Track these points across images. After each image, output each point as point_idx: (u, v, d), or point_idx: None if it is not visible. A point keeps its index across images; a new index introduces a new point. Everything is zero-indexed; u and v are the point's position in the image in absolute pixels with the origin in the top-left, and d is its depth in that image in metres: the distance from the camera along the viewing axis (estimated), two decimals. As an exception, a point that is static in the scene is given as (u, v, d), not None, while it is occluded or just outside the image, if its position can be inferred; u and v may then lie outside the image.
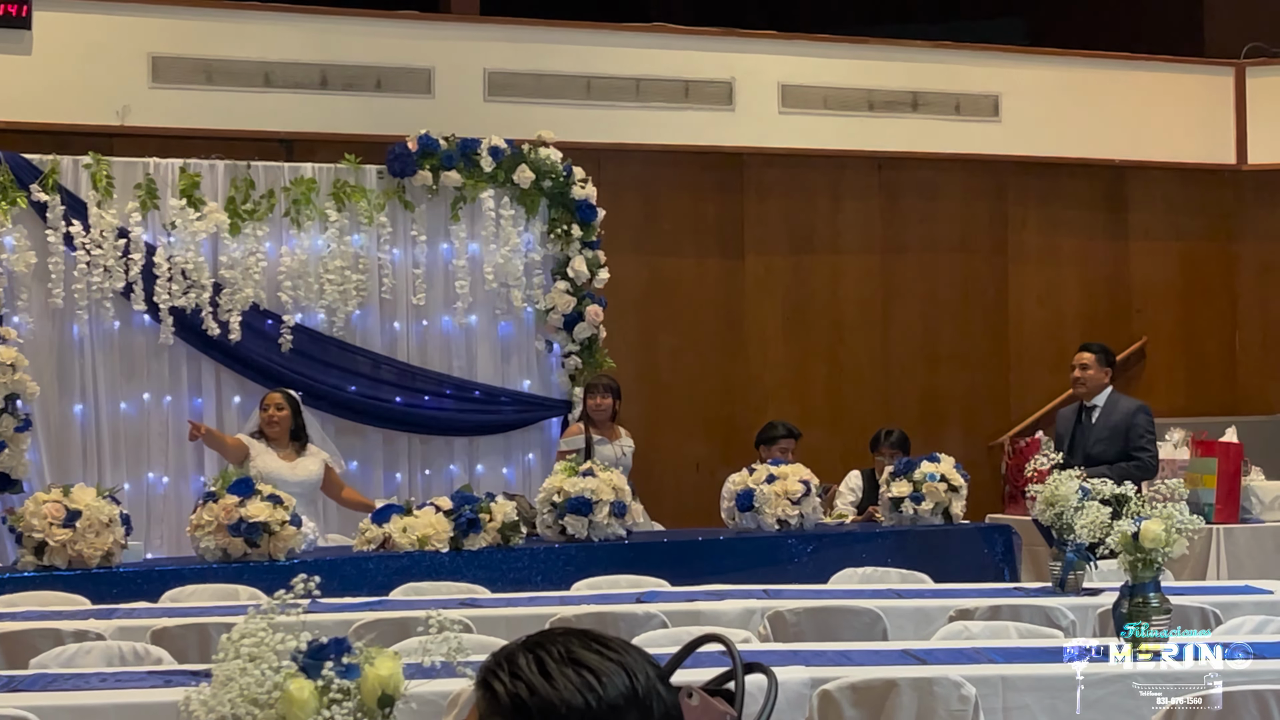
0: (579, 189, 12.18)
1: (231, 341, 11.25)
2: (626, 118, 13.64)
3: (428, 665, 3.77)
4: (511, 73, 13.30)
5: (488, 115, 12.92)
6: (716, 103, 13.87)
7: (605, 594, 8.12)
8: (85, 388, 11.15)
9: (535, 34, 13.53)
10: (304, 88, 12.76)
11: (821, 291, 14.48)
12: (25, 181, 10.90)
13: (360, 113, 12.85)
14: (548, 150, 12.17)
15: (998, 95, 14.67)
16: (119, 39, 12.34)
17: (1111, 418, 10.83)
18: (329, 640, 3.62)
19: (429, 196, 11.90)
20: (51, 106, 12.13)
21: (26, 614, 7.55)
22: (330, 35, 12.91)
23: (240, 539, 9.25)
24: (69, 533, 9.09)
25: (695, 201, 14.15)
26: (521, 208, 12.10)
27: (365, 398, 11.70)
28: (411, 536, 9.70)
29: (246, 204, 11.38)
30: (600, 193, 12.31)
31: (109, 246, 10.99)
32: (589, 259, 12.15)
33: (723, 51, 13.96)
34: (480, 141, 11.97)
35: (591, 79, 13.54)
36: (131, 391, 11.26)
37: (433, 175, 11.81)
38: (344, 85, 12.87)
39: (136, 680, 5.79)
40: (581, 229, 12.16)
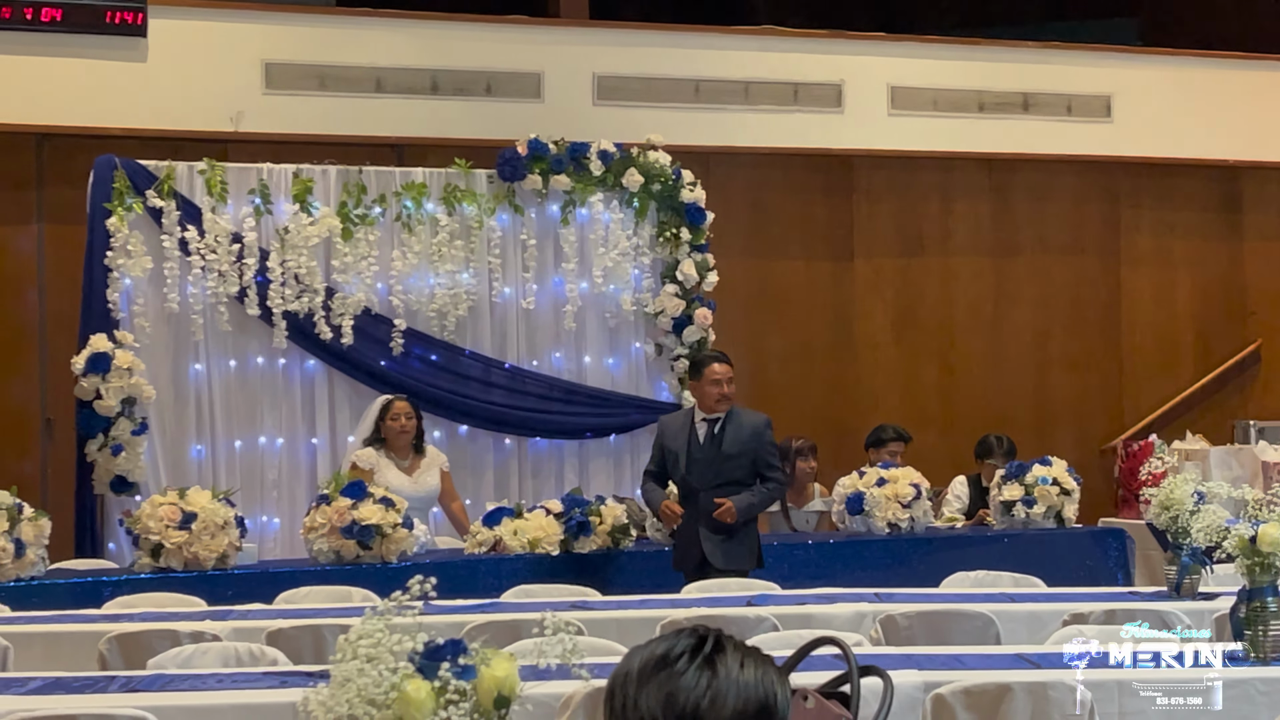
0: (688, 192, 12.17)
1: (343, 345, 11.33)
2: (735, 121, 13.63)
3: (542, 667, 3.78)
4: (620, 76, 13.33)
5: (597, 119, 12.94)
6: (825, 105, 13.84)
7: (716, 597, 8.11)
8: (200, 392, 11.25)
9: (644, 38, 13.54)
10: (415, 93, 12.85)
11: (931, 294, 14.41)
12: (141, 188, 11.02)
13: (470, 117, 12.91)
14: (657, 154, 12.17)
15: (1109, 96, 14.54)
16: (233, 46, 12.47)
17: (739, 433, 9.57)
18: (445, 641, 3.64)
19: (538, 200, 11.92)
20: (167, 113, 12.27)
21: (144, 615, 7.64)
22: (441, 40, 12.98)
23: (353, 541, 9.33)
24: (185, 535, 9.20)
25: (804, 204, 14.13)
26: (630, 211, 12.10)
27: (475, 401, 11.73)
28: (522, 539, 9.75)
29: (358, 208, 11.45)
30: (709, 196, 12.29)
31: (223, 251, 11.09)
32: (698, 262, 12.14)
33: (832, 54, 13.92)
34: (589, 145, 11.99)
35: (700, 82, 13.54)
36: (245, 398, 11.35)
37: (542, 179, 11.84)
38: (454, 90, 12.94)
39: (253, 681, 5.84)
40: (690, 232, 12.15)
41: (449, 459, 10.94)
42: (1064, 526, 10.64)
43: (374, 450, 10.44)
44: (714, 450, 9.48)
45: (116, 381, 10.59)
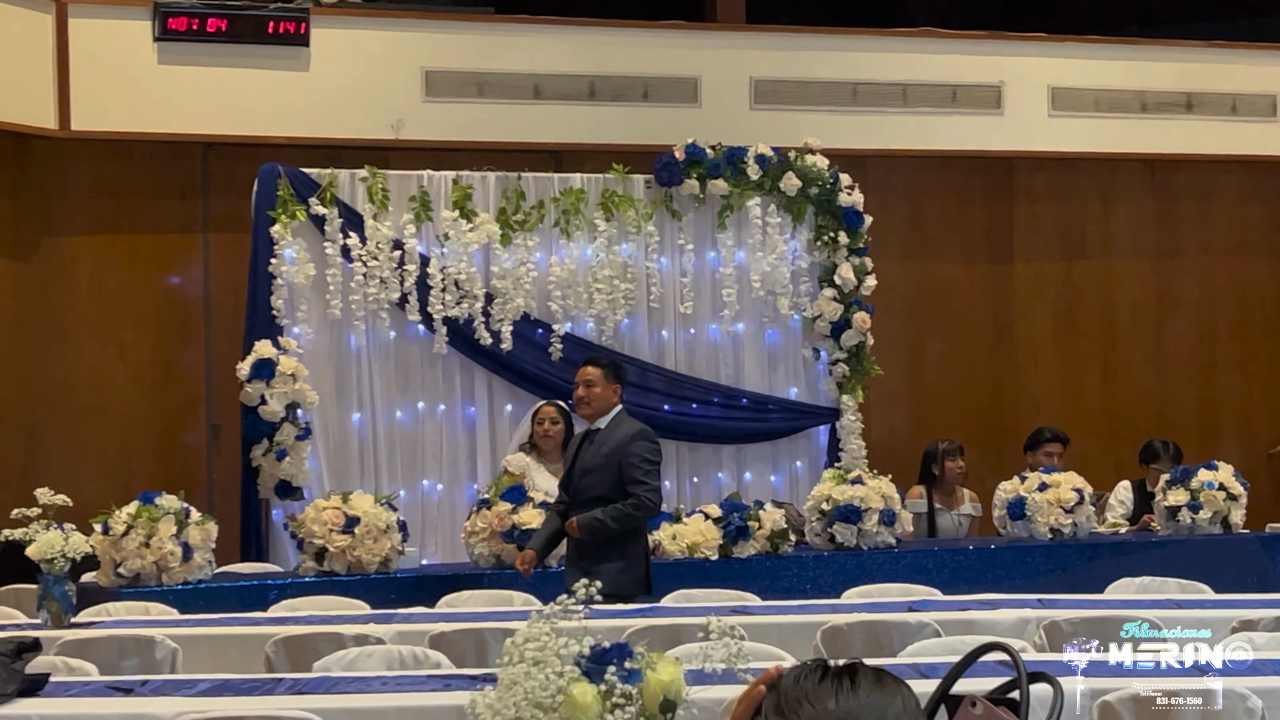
0: (845, 195, 12.12)
1: (503, 351, 11.39)
2: (893, 123, 13.56)
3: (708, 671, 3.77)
4: (777, 80, 13.29)
5: (754, 123, 12.92)
6: (985, 107, 13.72)
7: (876, 602, 8.06)
8: (362, 397, 11.36)
9: (801, 41, 13.50)
10: (573, 99, 12.89)
11: (1093, 297, 14.24)
12: (304, 195, 11.16)
13: (628, 123, 12.93)
14: (814, 157, 12.13)
15: (1276, 95, 14.28)
16: (393, 54, 12.59)
17: (605, 445, 8.87)
18: (611, 645, 3.65)
19: (696, 205, 11.92)
20: (329, 122, 12.41)
21: (309, 618, 7.72)
22: (598, 47, 13.02)
23: (513, 545, 9.38)
24: (348, 539, 9.29)
25: (963, 207, 14.02)
26: (788, 215, 12.07)
27: (633, 405, 11.74)
28: (681, 544, 9.75)
29: (517, 215, 11.52)
30: (867, 199, 12.23)
31: (384, 258, 11.20)
32: (856, 266, 12.08)
33: (991, 55, 13.80)
34: (747, 149, 11.97)
35: (858, 85, 13.47)
36: (407, 400, 11.46)
37: (699, 184, 11.84)
38: (612, 96, 12.97)
39: (417, 684, 5.88)
40: (848, 235, 12.09)
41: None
42: (1230, 532, 10.47)
43: (525, 455, 10.50)
44: (582, 464, 8.95)
45: (281, 387, 10.73)
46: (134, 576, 8.85)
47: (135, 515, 8.89)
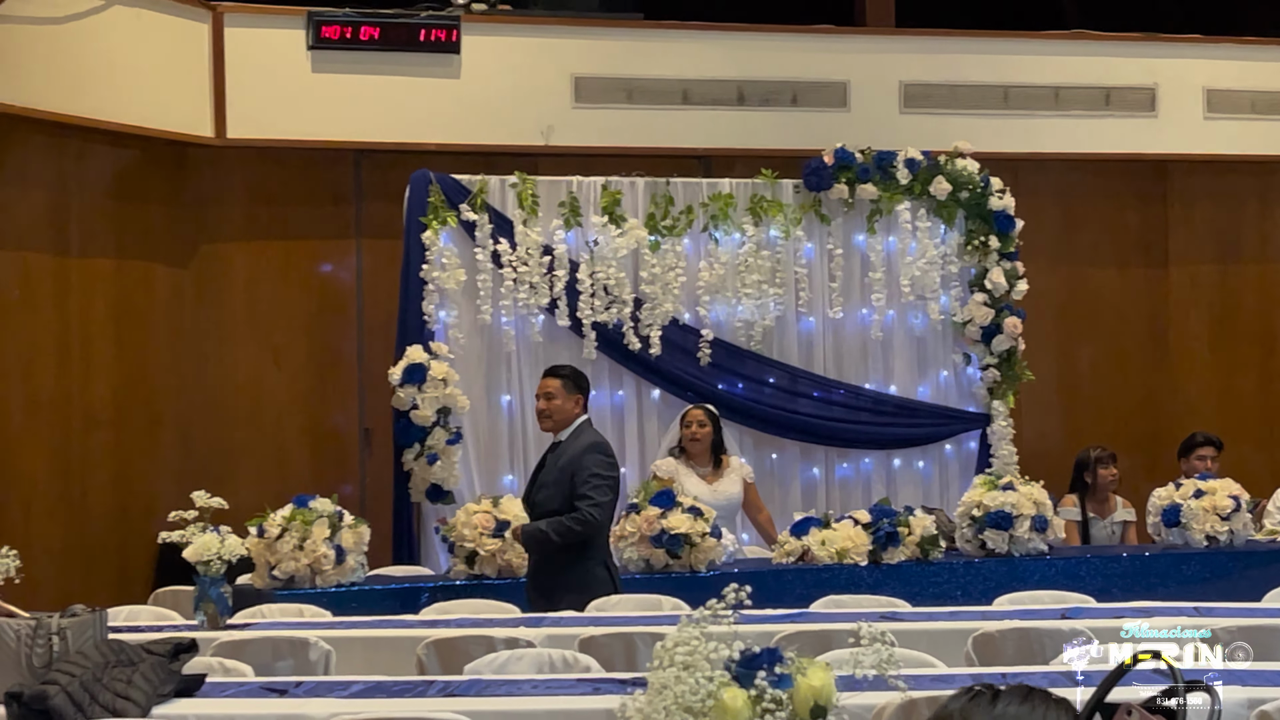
0: (996, 199, 12.02)
1: (652, 355, 11.41)
2: (1044, 126, 13.42)
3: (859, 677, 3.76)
4: (927, 84, 13.22)
5: (903, 127, 12.85)
6: (1138, 109, 13.55)
7: (1028, 609, 7.98)
8: (513, 401, 11.42)
9: (951, 44, 13.41)
10: (721, 104, 12.89)
11: (1250, 301, 14.02)
12: (455, 201, 11.24)
13: (776, 127, 12.91)
14: (964, 161, 12.05)
15: None
16: (543, 61, 12.65)
17: (562, 458, 8.68)
18: (761, 650, 3.64)
19: (845, 209, 11.88)
20: (479, 128, 12.49)
21: (460, 621, 7.77)
22: (747, 52, 13.01)
23: (662, 550, 9.39)
24: (499, 543, 9.35)
25: (1116, 210, 13.86)
26: (938, 219, 11.99)
27: (782, 410, 11.73)
28: (830, 549, 9.71)
29: (666, 220, 11.53)
30: (1018, 203, 12.12)
31: (534, 263, 11.26)
32: (1007, 270, 11.98)
33: (1145, 56, 13.62)
34: (896, 154, 11.91)
35: (1009, 88, 13.36)
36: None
37: (849, 188, 11.79)
38: (760, 101, 12.96)
39: (567, 687, 5.90)
40: (999, 240, 11.99)
41: (755, 469, 10.95)
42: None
43: (674, 459, 10.51)
44: (540, 478, 8.86)
45: (432, 392, 10.81)
46: (288, 579, 8.95)
47: (290, 518, 9.00)
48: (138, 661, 5.66)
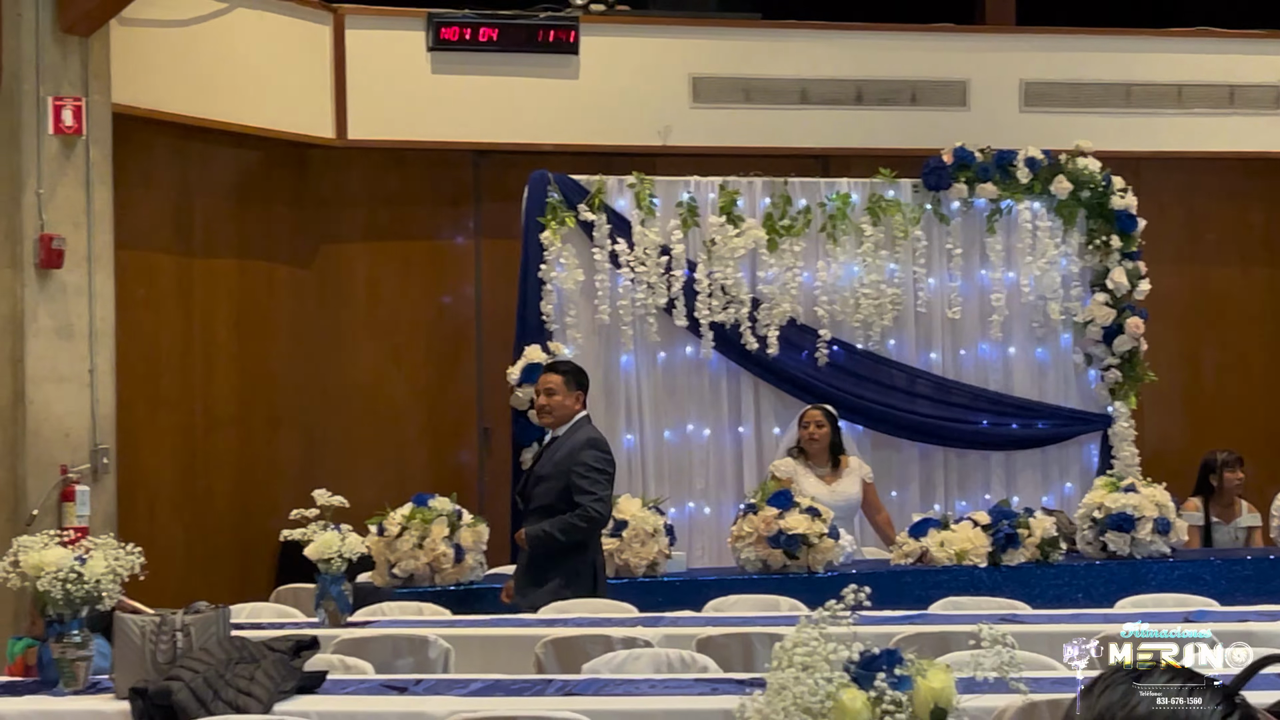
0: (1118, 199, 11.91)
1: (769, 356, 11.39)
2: (1167, 125, 13.29)
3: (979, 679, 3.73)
4: (1048, 82, 13.12)
5: (1023, 126, 12.76)
6: (1264, 107, 13.38)
7: (1151, 612, 7.89)
8: (629, 401, 11.43)
9: (1072, 42, 13.29)
10: (840, 103, 12.86)
11: (1383, 300, 13.83)
12: (573, 201, 11.27)
13: (895, 127, 12.86)
14: (1086, 160, 11.93)
15: None
16: (661, 61, 12.67)
17: (558, 453, 8.68)
18: (881, 651, 3.63)
19: (964, 209, 11.81)
20: (597, 129, 12.53)
21: (577, 620, 7.78)
22: (865, 51, 12.97)
23: (779, 551, 9.37)
24: (616, 542, 9.36)
25: (1241, 210, 13.70)
26: (1059, 219, 11.90)
27: (900, 411, 11.68)
28: (949, 551, 9.66)
29: (784, 220, 11.51)
30: (1140, 202, 11.99)
31: (652, 264, 11.27)
32: (1129, 270, 11.86)
33: (1270, 54, 13.44)
34: (1016, 153, 11.82)
35: (1131, 86, 13.23)
36: (673, 406, 11.51)
37: (968, 188, 11.72)
38: (879, 100, 12.91)
39: (685, 687, 5.90)
40: (1121, 239, 11.88)
41: (874, 469, 10.90)
42: None
43: (792, 459, 10.48)
44: (535, 472, 8.82)
45: (551, 392, 10.84)
46: (408, 577, 9.01)
47: (409, 517, 9.06)
48: (260, 658, 5.71)
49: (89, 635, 5.96)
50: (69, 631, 5.91)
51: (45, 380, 9.60)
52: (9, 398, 9.56)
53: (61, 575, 5.84)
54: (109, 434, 9.96)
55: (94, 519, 9.60)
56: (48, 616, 5.97)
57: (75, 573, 5.86)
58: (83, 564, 5.90)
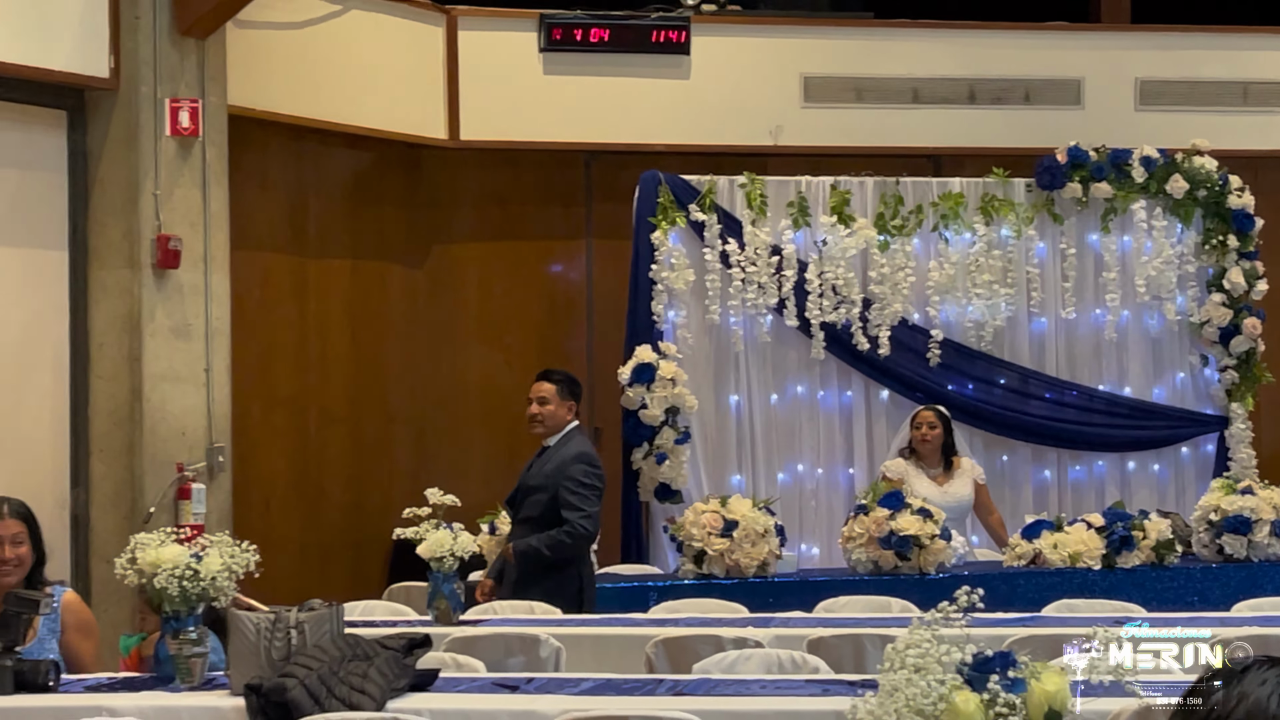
0: (1235, 198, 11.77)
1: (880, 356, 11.35)
2: (1286, 124, 13.13)
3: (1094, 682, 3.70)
4: (1164, 80, 12.99)
5: (1139, 124, 12.64)
6: (1385, 104, 13.19)
7: (1269, 616, 7.80)
8: (741, 401, 11.43)
9: (1189, 40, 13.15)
10: (951, 103, 12.79)
11: None
12: (684, 202, 11.27)
13: (1008, 126, 12.78)
14: (1202, 159, 11.80)
15: None
16: (772, 61, 12.65)
17: (548, 465, 8.69)
18: (994, 653, 3.60)
19: (1078, 209, 11.71)
20: (708, 129, 12.53)
21: (688, 620, 7.79)
22: (978, 50, 12.89)
23: (891, 552, 9.34)
24: (726, 542, 9.37)
25: (1360, 208, 13.50)
26: (1174, 218, 11.77)
27: (1012, 412, 11.60)
28: (1062, 553, 9.59)
29: (895, 219, 11.46)
30: (1258, 201, 11.84)
31: (763, 263, 11.25)
32: (1246, 270, 11.72)
33: (1390, 50, 13.26)
34: (1131, 152, 11.71)
35: (1249, 84, 13.07)
36: (785, 406, 11.49)
37: (1082, 187, 11.62)
38: (992, 99, 12.83)
39: (795, 688, 5.88)
40: (1238, 239, 11.74)
41: (986, 471, 10.84)
42: None
43: (904, 460, 10.45)
44: (525, 482, 8.78)
45: (660, 391, 10.86)
46: (519, 576, 9.04)
47: (520, 516, 9.09)
48: (373, 656, 5.75)
49: (204, 632, 6.03)
50: (185, 628, 5.97)
51: (162, 379, 9.71)
52: (127, 396, 9.69)
53: (178, 572, 5.90)
54: (224, 432, 10.07)
55: (210, 516, 9.71)
56: (164, 613, 6.03)
57: (191, 570, 5.92)
58: (198, 561, 5.96)
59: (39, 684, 5.82)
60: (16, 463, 9.44)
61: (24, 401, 9.65)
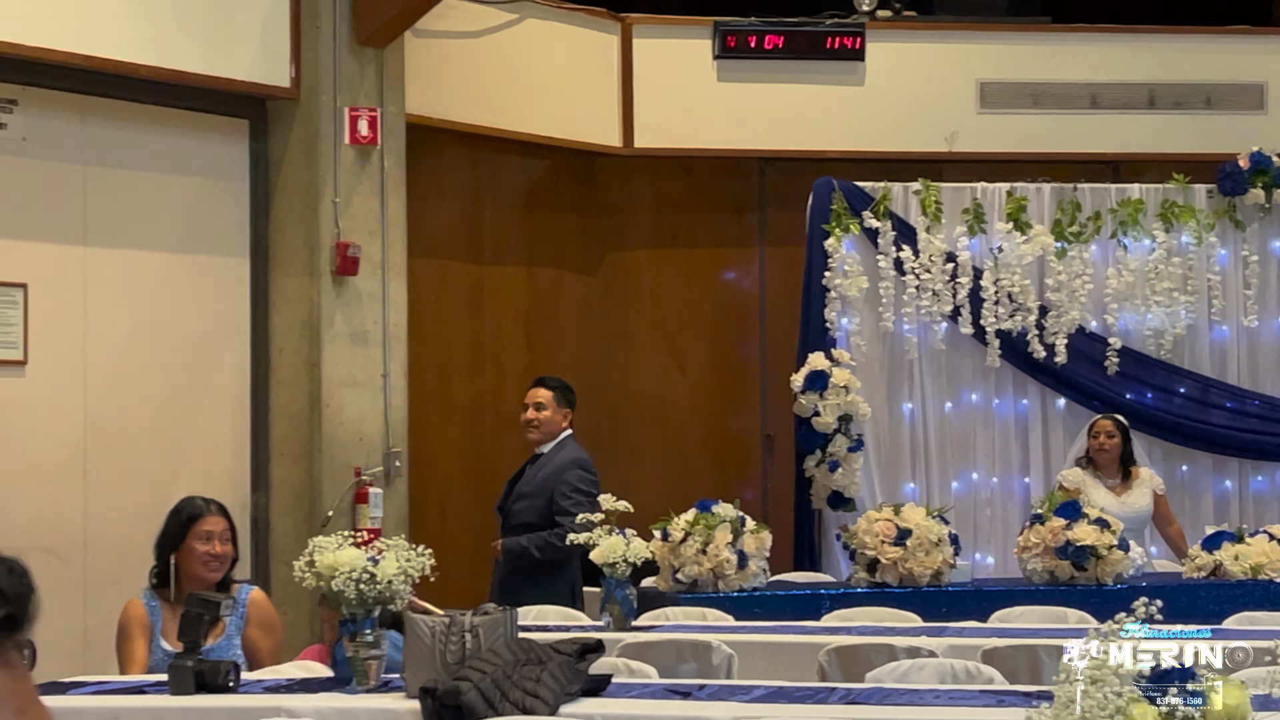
0: None
1: (1057, 364, 11.24)
2: None
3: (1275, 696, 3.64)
4: (1350, 84, 12.75)
5: (1325, 129, 12.42)
6: None
7: None
8: (914, 409, 11.38)
9: (1376, 42, 12.90)
10: (1131, 108, 12.63)
11: None
12: (858, 209, 11.24)
13: (1189, 131, 12.59)
14: (1394, 164, 11.57)
15: None
16: (948, 67, 12.57)
17: (542, 471, 8.81)
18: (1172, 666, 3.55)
19: (1260, 215, 11.53)
20: (882, 135, 12.48)
21: (861, 629, 7.76)
22: (1158, 54, 12.72)
23: (1067, 562, 9.23)
24: (900, 551, 9.30)
25: None
26: (1361, 224, 11.57)
27: (1193, 421, 11.44)
28: (1243, 565, 9.42)
29: (1073, 226, 11.35)
30: None
31: (937, 271, 11.19)
32: None
33: None
34: (1316, 157, 11.52)
35: None
36: (960, 414, 11.42)
37: (1265, 193, 11.43)
38: (1172, 104, 12.65)
39: (970, 699, 5.83)
40: None
41: (1165, 481, 10.68)
42: None
43: (1080, 469, 10.33)
44: (518, 489, 8.77)
45: (833, 399, 10.83)
46: (691, 582, 9.05)
47: (693, 523, 9.10)
48: (546, 660, 5.79)
49: (380, 634, 6.10)
50: (361, 630, 6.04)
51: (340, 385, 9.85)
52: (306, 402, 9.83)
53: (355, 575, 5.97)
54: (401, 437, 10.19)
55: (386, 521, 9.82)
56: (341, 616, 6.12)
57: (368, 573, 5.98)
58: (375, 565, 6.03)
59: (219, 684, 5.93)
60: (200, 465, 9.63)
61: (207, 406, 9.83)
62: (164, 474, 9.42)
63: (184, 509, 6.82)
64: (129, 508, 9.15)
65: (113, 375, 9.34)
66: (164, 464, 9.51)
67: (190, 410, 9.73)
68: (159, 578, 6.78)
